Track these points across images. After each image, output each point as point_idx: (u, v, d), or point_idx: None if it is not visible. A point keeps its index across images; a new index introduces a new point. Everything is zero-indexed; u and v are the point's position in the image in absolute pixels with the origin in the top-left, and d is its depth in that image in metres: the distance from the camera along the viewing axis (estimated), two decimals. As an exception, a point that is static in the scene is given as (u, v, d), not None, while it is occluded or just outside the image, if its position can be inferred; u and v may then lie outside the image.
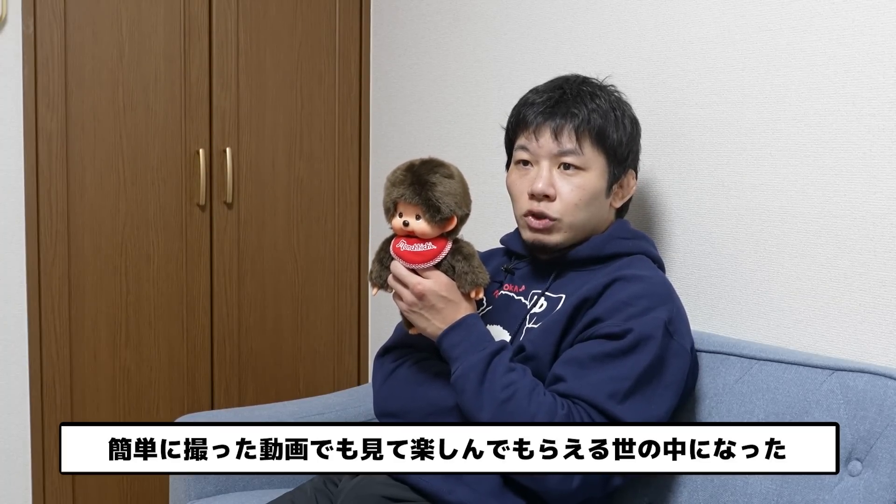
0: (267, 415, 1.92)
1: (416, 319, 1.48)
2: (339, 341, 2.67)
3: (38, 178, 2.26)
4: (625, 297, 1.43)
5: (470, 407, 1.40)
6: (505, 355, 1.42)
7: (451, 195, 1.43)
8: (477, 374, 1.40)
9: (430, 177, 1.43)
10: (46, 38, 2.24)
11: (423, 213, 1.43)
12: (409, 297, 1.45)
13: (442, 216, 1.43)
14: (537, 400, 1.37)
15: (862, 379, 1.31)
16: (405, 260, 1.46)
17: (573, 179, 1.52)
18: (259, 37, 2.49)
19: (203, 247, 2.47)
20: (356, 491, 1.46)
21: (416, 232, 1.44)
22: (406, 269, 1.46)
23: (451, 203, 1.43)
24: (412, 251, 1.45)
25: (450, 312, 1.45)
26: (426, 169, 1.44)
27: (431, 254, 1.45)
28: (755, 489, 1.36)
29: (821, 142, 1.48)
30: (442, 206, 1.42)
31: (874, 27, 1.41)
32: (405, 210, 1.44)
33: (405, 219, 1.44)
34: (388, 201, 1.46)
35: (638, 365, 1.39)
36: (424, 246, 1.45)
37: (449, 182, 1.44)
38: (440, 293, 1.44)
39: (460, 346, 1.44)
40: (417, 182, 1.43)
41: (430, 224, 1.43)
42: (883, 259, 1.41)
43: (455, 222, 1.45)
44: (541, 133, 1.53)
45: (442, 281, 1.45)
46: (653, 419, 1.40)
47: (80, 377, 2.34)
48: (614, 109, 1.55)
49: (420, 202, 1.42)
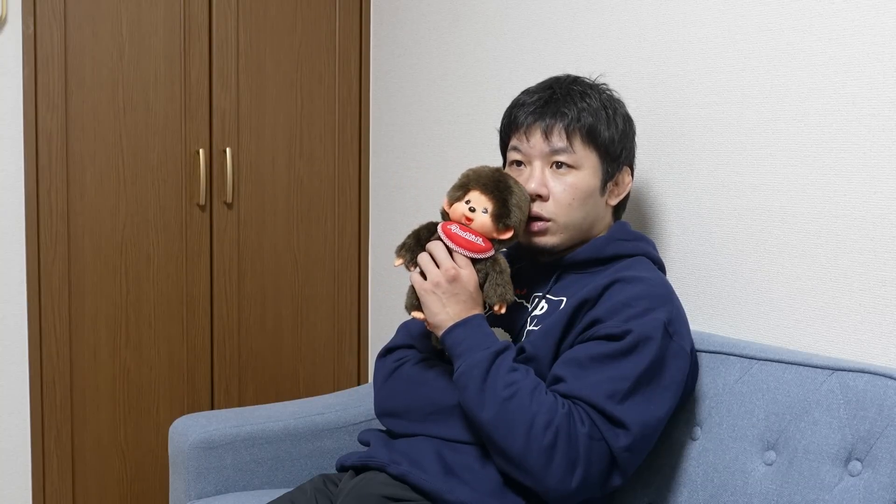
0: (267, 415, 1.92)
1: (431, 301, 1.46)
2: (339, 341, 2.67)
3: (38, 178, 2.25)
4: (624, 299, 1.43)
5: (472, 404, 1.40)
6: (508, 355, 1.42)
7: (521, 210, 1.48)
8: (480, 371, 1.40)
9: (513, 185, 1.49)
10: (46, 38, 2.24)
11: (493, 208, 1.46)
12: (437, 277, 1.44)
13: (507, 221, 1.46)
14: (539, 399, 1.37)
15: (862, 379, 1.31)
16: (454, 242, 1.46)
17: (566, 178, 1.52)
18: (259, 37, 2.49)
19: (203, 247, 2.47)
20: (356, 491, 1.46)
21: (476, 223, 1.46)
22: (446, 252, 1.46)
23: (519, 216, 1.47)
24: (464, 237, 1.46)
25: (466, 307, 1.45)
26: (512, 181, 1.50)
27: (480, 247, 1.47)
28: (755, 489, 1.36)
29: (821, 142, 1.48)
30: (512, 213, 1.47)
31: (874, 27, 1.41)
32: (476, 199, 1.47)
33: (472, 205, 1.46)
34: (461, 186, 1.48)
35: (637, 366, 1.39)
36: (476, 238, 1.47)
37: (524, 200, 1.49)
38: (468, 286, 1.45)
39: (465, 342, 1.43)
40: (503, 182, 1.48)
41: (493, 222, 1.46)
42: (883, 259, 1.41)
43: (510, 235, 1.48)
44: (532, 133, 1.53)
45: (474, 277, 1.46)
46: (652, 420, 1.40)
47: (80, 377, 2.34)
48: (605, 107, 1.55)
49: (497, 198, 1.46)
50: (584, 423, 1.36)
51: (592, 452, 1.36)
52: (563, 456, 1.35)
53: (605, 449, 1.37)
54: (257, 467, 1.85)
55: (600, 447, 1.37)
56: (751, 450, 1.40)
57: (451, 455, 1.45)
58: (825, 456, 1.31)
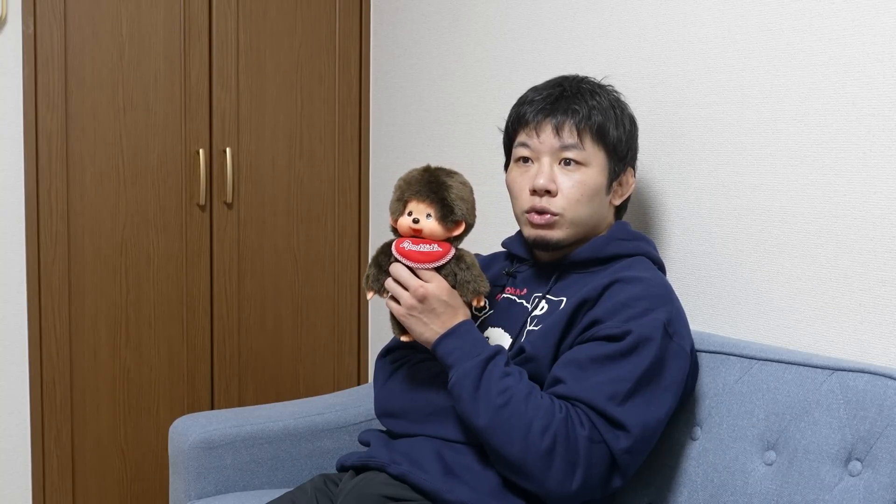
0: (267, 415, 1.92)
1: (412, 324, 1.46)
2: (339, 341, 2.67)
3: (38, 178, 2.25)
4: (624, 299, 1.43)
5: (467, 413, 1.40)
6: (500, 360, 1.42)
7: (464, 200, 1.45)
8: (472, 380, 1.39)
9: (446, 179, 1.46)
10: (46, 38, 2.24)
11: (435, 212, 1.44)
12: (408, 301, 1.44)
13: (454, 218, 1.44)
14: (534, 404, 1.37)
15: (862, 379, 1.31)
16: (410, 259, 1.44)
17: (574, 175, 1.52)
18: (259, 37, 2.49)
19: (203, 247, 2.47)
20: (356, 490, 1.46)
21: (425, 231, 1.44)
22: (408, 272, 1.45)
23: (464, 208, 1.45)
24: (418, 251, 1.44)
25: (448, 318, 1.44)
26: (443, 172, 1.47)
27: (437, 255, 1.45)
28: (755, 489, 1.36)
29: (821, 142, 1.48)
30: (455, 208, 1.44)
31: (874, 27, 1.41)
32: (416, 209, 1.45)
33: (415, 216, 1.44)
34: (398, 199, 1.46)
35: (638, 367, 1.38)
36: (430, 247, 1.45)
37: (463, 188, 1.47)
38: (441, 297, 1.44)
39: (455, 352, 1.43)
40: (434, 181, 1.45)
41: (440, 224, 1.44)
42: (883, 259, 1.41)
43: (463, 228, 1.46)
44: (542, 129, 1.53)
45: (443, 285, 1.44)
46: (652, 421, 1.40)
47: (80, 377, 2.34)
48: (614, 107, 1.55)
49: (435, 200, 1.44)
50: (583, 426, 1.36)
51: (593, 455, 1.36)
52: (562, 459, 1.35)
53: (606, 451, 1.37)
54: (257, 467, 1.85)
55: (601, 449, 1.36)
56: (751, 450, 1.40)
57: (451, 455, 1.45)
58: (825, 456, 1.31)
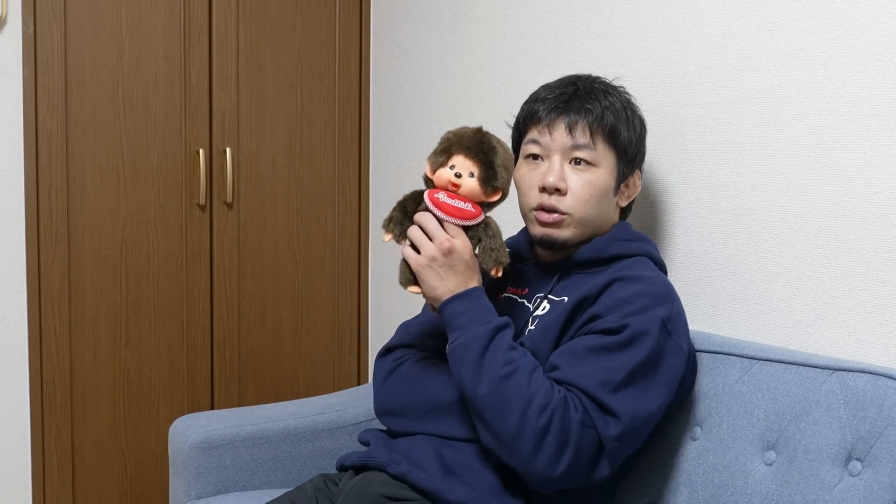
0: (267, 415, 1.92)
1: (428, 276, 1.43)
2: (339, 341, 2.67)
3: (38, 178, 2.25)
4: (624, 296, 1.43)
5: (467, 378, 1.39)
6: (508, 332, 1.42)
7: (507, 170, 1.45)
8: (480, 345, 1.38)
9: (497, 146, 1.44)
10: (46, 38, 2.24)
11: (479, 172, 1.42)
12: (431, 251, 1.41)
13: (495, 183, 1.43)
14: (537, 381, 1.36)
15: (862, 379, 1.31)
16: (443, 211, 1.42)
17: (584, 175, 1.52)
18: (259, 37, 2.49)
19: (203, 247, 2.47)
20: (356, 490, 1.46)
21: (464, 188, 1.42)
22: (437, 223, 1.43)
23: (506, 176, 1.44)
24: (453, 205, 1.43)
25: (464, 278, 1.43)
26: (493, 138, 1.46)
27: (471, 214, 1.43)
28: (755, 489, 1.36)
29: (821, 142, 1.48)
30: (499, 174, 1.43)
31: (874, 27, 1.41)
32: (460, 163, 1.43)
33: (458, 170, 1.42)
34: (444, 150, 1.44)
35: (632, 359, 1.38)
36: (465, 205, 1.43)
37: (509, 158, 1.46)
38: (465, 256, 1.42)
39: (464, 315, 1.41)
40: (486, 143, 1.43)
41: (481, 185, 1.43)
42: (883, 259, 1.41)
43: (499, 196, 1.45)
44: (555, 127, 1.53)
45: (468, 245, 1.43)
46: (644, 413, 1.39)
47: (80, 377, 2.34)
48: (625, 109, 1.56)
49: (482, 160, 1.42)
50: (577, 410, 1.36)
51: (583, 438, 1.36)
52: (554, 440, 1.34)
53: (595, 436, 1.37)
54: (257, 467, 1.85)
55: (590, 434, 1.36)
56: (751, 450, 1.40)
57: (450, 454, 1.45)
58: (825, 456, 1.31)
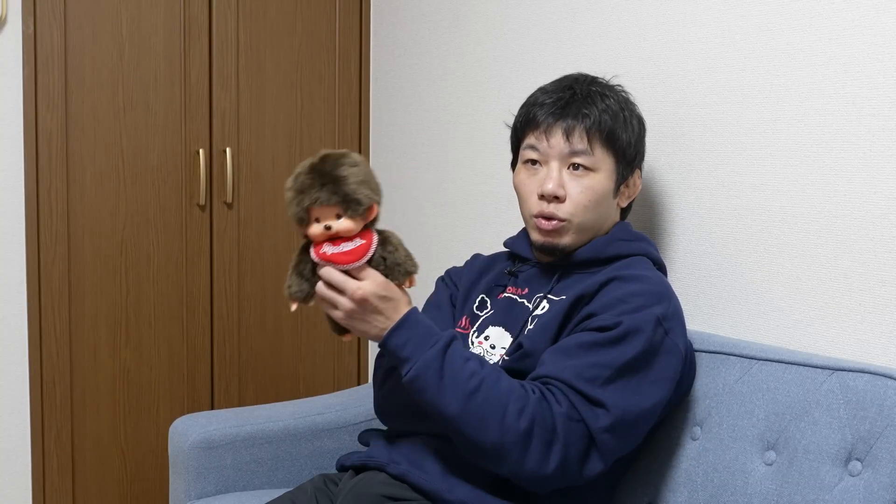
0: (267, 415, 1.92)
1: (355, 325, 1.40)
2: (339, 341, 2.67)
3: (38, 178, 2.26)
4: (620, 295, 1.43)
5: (434, 404, 1.37)
6: (457, 345, 1.39)
7: (364, 184, 1.35)
8: (435, 369, 1.36)
9: (338, 171, 1.35)
10: (46, 38, 2.24)
11: (343, 210, 1.35)
12: (347, 305, 1.37)
13: (364, 207, 1.35)
14: (507, 387, 1.35)
15: (862, 379, 1.31)
16: (337, 262, 1.36)
17: (583, 181, 1.51)
18: (259, 37, 2.49)
19: (203, 247, 2.47)
20: (356, 490, 1.46)
21: (341, 232, 1.36)
22: (341, 275, 1.37)
23: (368, 192, 1.36)
24: (342, 252, 1.36)
25: (391, 311, 1.39)
26: (331, 164, 1.36)
27: (363, 249, 1.37)
28: (755, 489, 1.36)
29: (821, 142, 1.48)
30: (361, 198, 1.34)
31: (874, 27, 1.41)
32: (322, 214, 1.35)
33: (325, 223, 1.35)
34: (300, 210, 1.35)
35: (622, 355, 1.37)
36: (353, 243, 1.37)
37: (357, 170, 1.36)
38: (380, 293, 1.37)
39: (408, 345, 1.38)
40: (329, 180, 1.34)
41: (353, 220, 1.35)
42: (883, 259, 1.41)
43: (376, 211, 1.39)
44: (552, 133, 1.52)
45: (378, 280, 1.38)
46: (635, 407, 1.37)
47: (80, 377, 2.34)
48: (623, 110, 1.55)
49: (338, 200, 1.34)
50: (560, 404, 1.35)
51: (570, 433, 1.34)
52: (539, 440, 1.33)
53: (584, 430, 1.35)
54: (257, 467, 1.85)
55: (579, 428, 1.35)
56: (751, 450, 1.40)
57: (450, 454, 1.45)
58: (825, 456, 1.31)
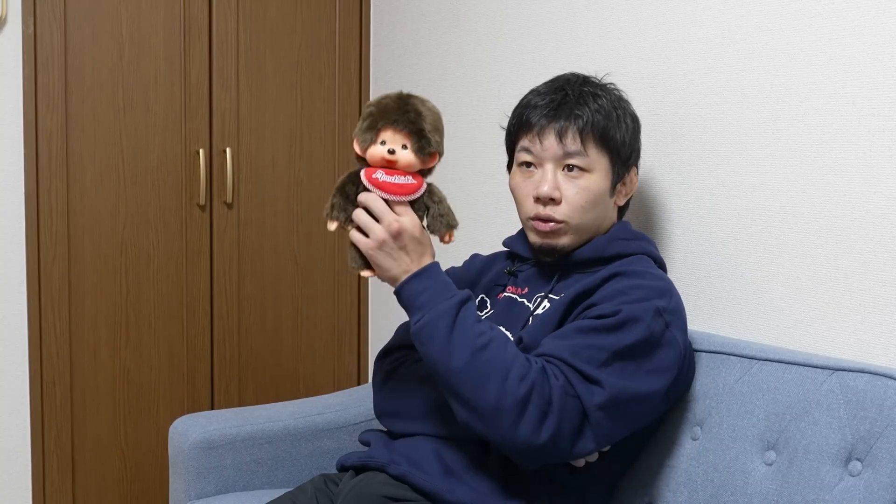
0: (267, 415, 1.92)
1: (381, 259, 1.40)
2: (339, 341, 2.67)
3: (38, 178, 2.26)
4: (621, 287, 1.43)
5: (438, 355, 1.36)
6: (472, 305, 1.40)
7: (438, 131, 1.40)
8: (447, 321, 1.36)
9: (422, 109, 1.39)
10: (46, 38, 2.24)
11: (412, 143, 1.37)
12: (381, 234, 1.38)
13: (430, 150, 1.39)
14: (513, 351, 1.35)
15: (862, 379, 1.31)
16: (385, 191, 1.37)
17: (578, 182, 1.51)
18: (259, 37, 2.49)
19: (203, 247, 2.47)
20: (357, 490, 1.46)
21: (400, 163, 1.38)
22: (383, 203, 1.38)
23: (439, 139, 1.40)
24: (393, 182, 1.38)
25: (417, 256, 1.40)
26: (417, 101, 1.40)
27: (413, 187, 1.39)
28: (755, 489, 1.36)
29: (821, 142, 1.48)
30: (432, 139, 1.38)
31: (874, 27, 1.41)
32: (391, 138, 1.38)
33: (390, 146, 1.37)
34: (370, 127, 1.38)
35: (620, 341, 1.37)
36: (405, 178, 1.39)
37: (437, 118, 1.41)
38: (415, 234, 1.39)
39: (424, 293, 1.39)
40: (412, 111, 1.37)
41: (416, 156, 1.38)
42: (883, 259, 1.41)
43: (436, 160, 1.41)
44: (545, 135, 1.52)
45: (417, 222, 1.40)
46: (629, 390, 1.37)
47: (80, 377, 2.34)
48: (616, 108, 1.55)
49: (412, 131, 1.37)
50: (557, 378, 1.35)
51: (565, 406, 1.33)
52: (535, 408, 1.32)
53: (578, 406, 1.34)
54: (257, 467, 1.85)
55: (573, 403, 1.34)
56: (751, 450, 1.40)
57: (450, 455, 1.45)
58: (825, 456, 1.31)
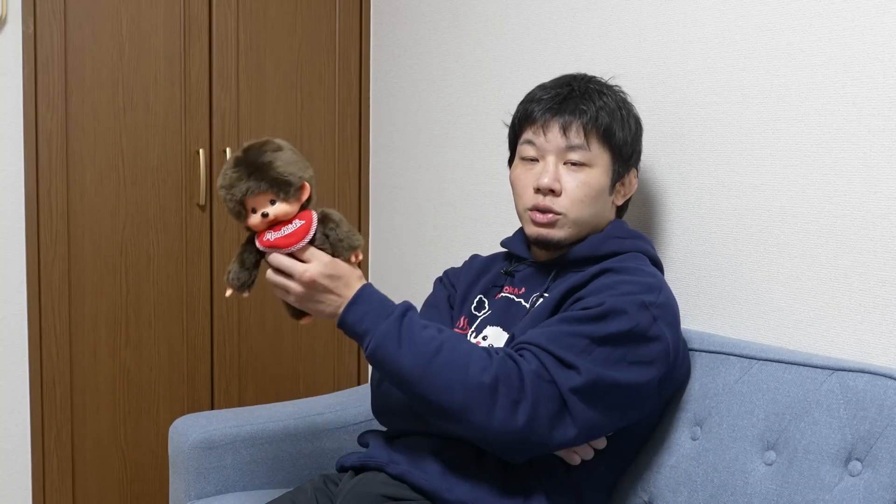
0: (267, 415, 1.92)
1: (310, 307, 1.41)
2: (339, 341, 2.67)
3: (38, 178, 2.26)
4: (609, 282, 1.43)
5: (397, 373, 1.37)
6: (413, 314, 1.40)
7: (291, 164, 1.39)
8: (393, 339, 1.36)
9: (263, 158, 1.38)
10: (46, 38, 2.24)
11: (276, 195, 1.38)
12: (297, 289, 1.39)
13: (292, 190, 1.39)
14: (467, 347, 1.36)
15: (862, 379, 1.31)
16: (281, 247, 1.38)
17: (579, 175, 1.52)
18: (259, 37, 2.49)
19: (203, 247, 2.47)
20: (356, 490, 1.46)
21: (279, 216, 1.38)
22: (288, 259, 1.39)
23: (296, 171, 1.39)
24: (283, 236, 1.39)
25: (343, 289, 1.41)
26: (254, 153, 1.39)
27: (303, 230, 1.39)
28: (755, 489, 1.36)
29: (821, 142, 1.48)
30: (290, 179, 1.38)
31: (874, 27, 1.41)
32: (256, 203, 1.38)
33: (262, 210, 1.38)
34: (235, 205, 1.39)
35: (600, 330, 1.36)
36: (292, 226, 1.39)
37: (282, 154, 1.40)
38: (327, 273, 1.39)
39: (365, 319, 1.39)
40: (255, 169, 1.37)
41: (287, 202, 1.39)
42: (883, 259, 1.41)
43: (308, 189, 1.41)
44: (549, 128, 1.53)
45: (324, 260, 1.40)
46: (607, 377, 1.36)
47: (80, 377, 2.34)
48: (620, 108, 1.56)
49: (268, 186, 1.37)
50: (530, 362, 1.34)
51: (540, 392, 1.33)
52: (504, 396, 1.31)
53: (554, 391, 1.34)
54: (257, 467, 1.85)
55: (549, 388, 1.33)
56: (751, 450, 1.40)
57: (449, 454, 1.45)
58: (825, 456, 1.31)
